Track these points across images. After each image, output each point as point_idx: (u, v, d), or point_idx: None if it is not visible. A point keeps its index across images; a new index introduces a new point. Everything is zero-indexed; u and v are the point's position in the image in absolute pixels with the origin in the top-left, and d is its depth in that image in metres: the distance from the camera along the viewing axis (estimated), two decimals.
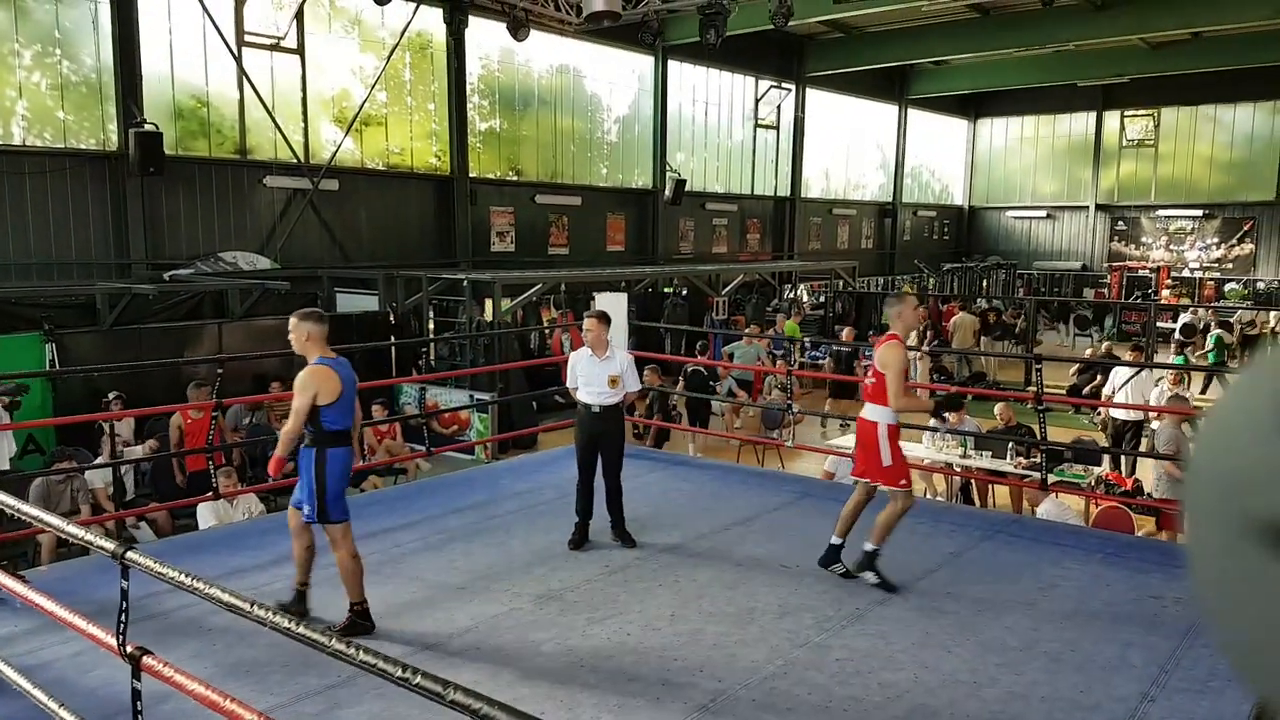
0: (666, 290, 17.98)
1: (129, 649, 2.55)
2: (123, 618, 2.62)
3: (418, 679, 1.78)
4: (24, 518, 3.38)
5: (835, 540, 5.23)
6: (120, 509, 7.28)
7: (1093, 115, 28.75)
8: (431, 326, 13.72)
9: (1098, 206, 29.14)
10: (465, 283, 13.53)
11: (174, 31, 13.32)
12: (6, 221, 11.80)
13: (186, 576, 2.45)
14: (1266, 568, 0.46)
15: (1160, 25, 19.29)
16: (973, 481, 8.88)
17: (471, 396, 11.52)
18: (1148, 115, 28.07)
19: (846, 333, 14.76)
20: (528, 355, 14.33)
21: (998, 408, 9.58)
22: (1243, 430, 0.49)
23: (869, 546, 5.05)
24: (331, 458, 4.49)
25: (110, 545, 2.64)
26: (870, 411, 5.09)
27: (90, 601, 4.71)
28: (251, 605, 2.24)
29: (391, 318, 13.08)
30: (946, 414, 8.35)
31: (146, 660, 2.49)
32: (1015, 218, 30.87)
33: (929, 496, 8.79)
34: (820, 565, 5.26)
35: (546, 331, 15.34)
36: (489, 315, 13.75)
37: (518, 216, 18.14)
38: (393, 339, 12.64)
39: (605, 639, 4.49)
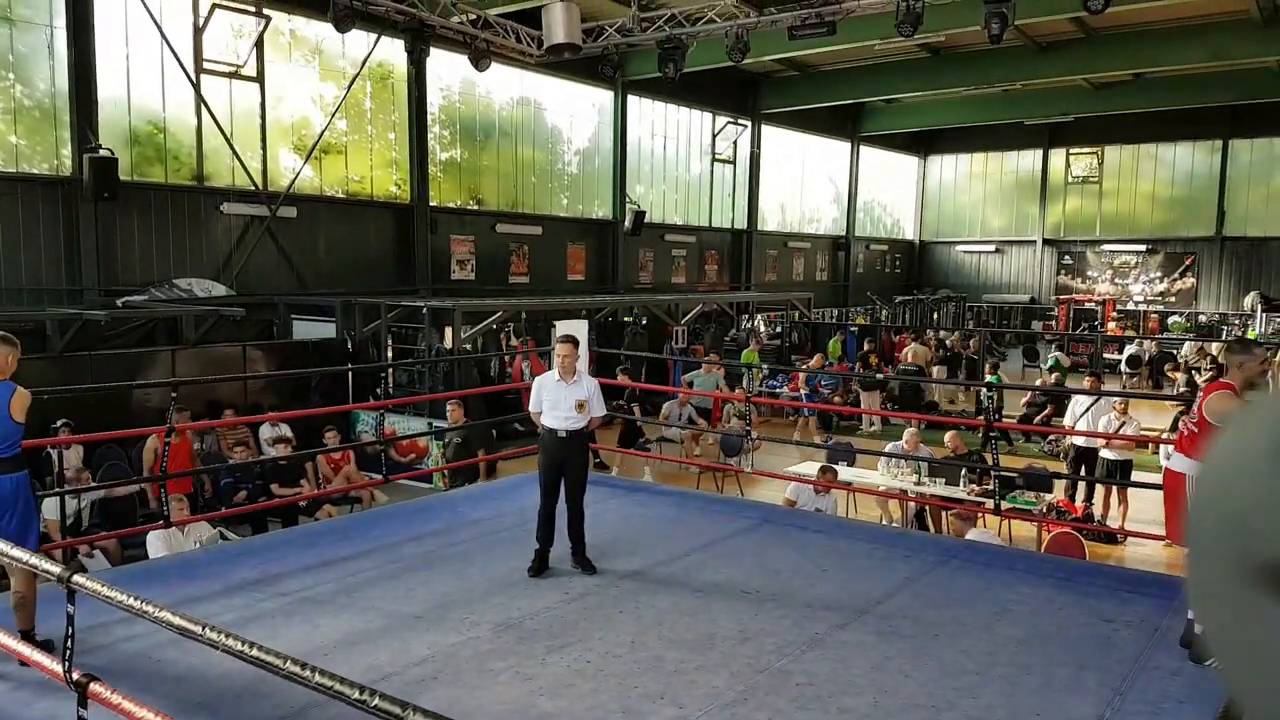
0: (626, 319, 18.06)
1: (75, 676, 2.48)
2: (69, 644, 2.55)
3: (375, 700, 1.77)
4: None
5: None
6: (71, 539, 7.06)
7: (1039, 153, 29.67)
8: (390, 354, 13.60)
9: (1045, 241, 29.96)
10: (425, 310, 13.46)
11: (131, 57, 13.19)
12: None
13: (137, 601, 2.40)
14: (1268, 609, 0.46)
15: (1102, 66, 20.06)
16: (927, 508, 9.00)
17: (430, 424, 11.41)
18: (1092, 153, 29.03)
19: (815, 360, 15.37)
20: (487, 383, 14.26)
21: (948, 436, 9.74)
22: (1241, 470, 0.49)
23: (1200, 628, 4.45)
24: None
25: (56, 569, 2.58)
26: (1180, 463, 4.60)
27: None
28: (203, 629, 2.20)
29: (349, 345, 12.95)
30: None
31: (94, 688, 2.43)
32: (965, 252, 31.62)
33: (884, 522, 8.90)
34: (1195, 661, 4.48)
35: (507, 359, 15.28)
36: (449, 343, 13.68)
37: (478, 245, 18.14)
38: (350, 366, 12.51)
39: (564, 667, 4.45)
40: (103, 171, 12.04)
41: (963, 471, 8.89)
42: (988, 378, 13.61)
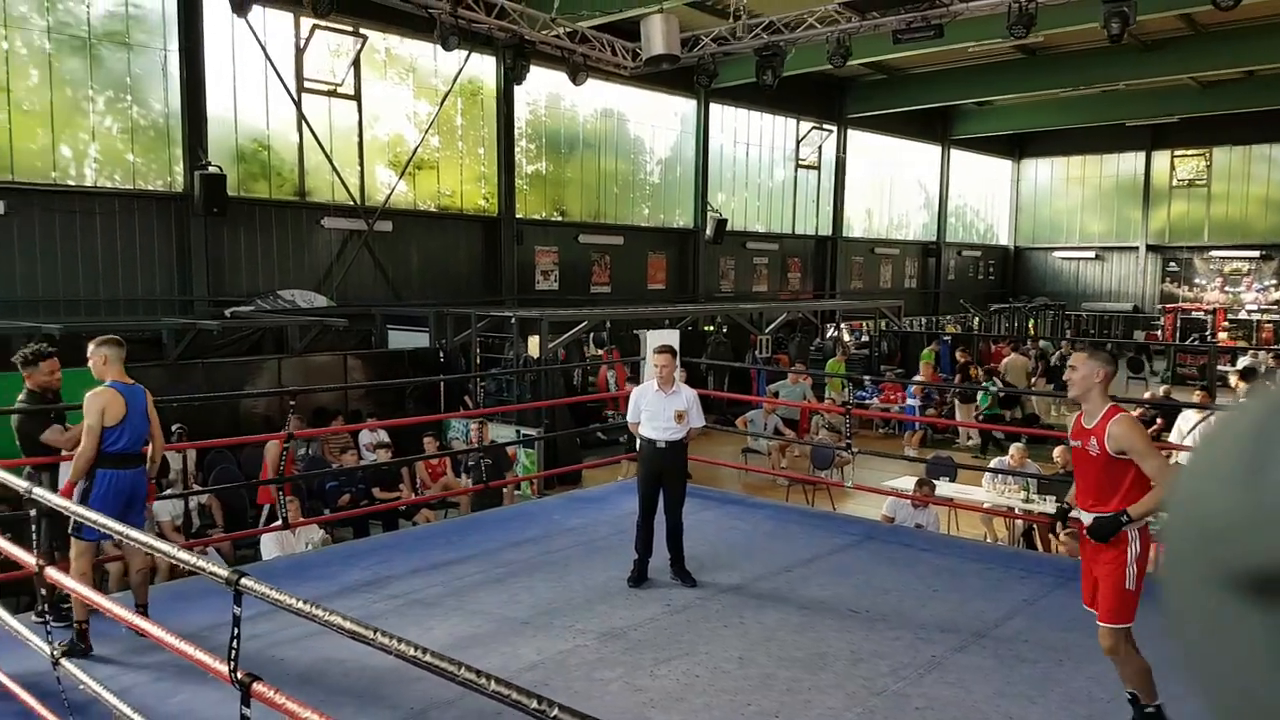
0: (707, 329, 17.99)
1: (240, 676, 2.58)
2: (234, 644, 2.66)
3: (554, 712, 1.76)
4: (137, 544, 3.47)
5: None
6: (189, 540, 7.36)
7: (1141, 155, 28.46)
8: (479, 363, 13.85)
9: (1148, 247, 28.72)
10: (512, 320, 13.65)
11: (238, 78, 13.77)
12: (78, 260, 12.19)
13: (305, 604, 2.49)
14: (1240, 619, 0.45)
15: (1211, 65, 19.13)
16: (1035, 526, 8.65)
17: (518, 432, 11.53)
18: (1199, 155, 27.71)
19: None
20: (572, 392, 14.38)
21: (1057, 451, 9.35)
22: (1215, 476, 0.48)
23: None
24: (100, 477, 4.67)
25: (224, 572, 2.71)
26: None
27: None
28: (375, 633, 2.25)
29: (441, 354, 13.23)
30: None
31: (256, 688, 2.52)
32: (1062, 258, 30.52)
33: (990, 541, 8.60)
34: None
35: (590, 368, 15.40)
36: (534, 352, 13.85)
37: (561, 256, 18.34)
38: (442, 376, 12.78)
39: (674, 680, 4.42)
40: (212, 188, 12.58)
41: None
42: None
